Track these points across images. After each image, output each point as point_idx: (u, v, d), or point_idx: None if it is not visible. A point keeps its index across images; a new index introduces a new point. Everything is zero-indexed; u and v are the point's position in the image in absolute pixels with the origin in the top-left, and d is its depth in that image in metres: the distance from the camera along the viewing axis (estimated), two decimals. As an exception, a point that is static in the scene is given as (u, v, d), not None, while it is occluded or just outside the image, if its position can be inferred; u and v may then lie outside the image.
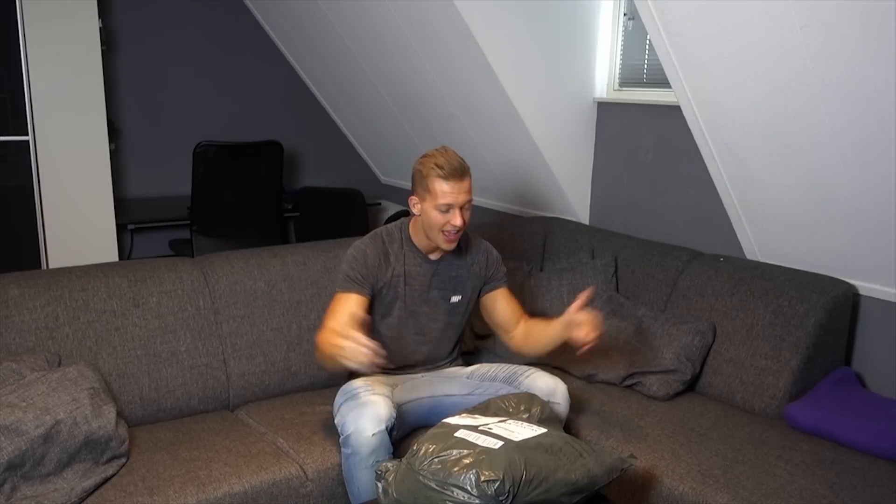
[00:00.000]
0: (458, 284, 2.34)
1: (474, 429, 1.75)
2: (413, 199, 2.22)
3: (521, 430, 1.77)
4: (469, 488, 1.57)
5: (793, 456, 2.09)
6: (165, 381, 2.34)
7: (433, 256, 2.30)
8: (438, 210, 2.14)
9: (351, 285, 2.20)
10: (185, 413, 2.38)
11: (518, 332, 2.37)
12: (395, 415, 2.03)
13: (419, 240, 2.28)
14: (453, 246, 2.22)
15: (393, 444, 2.04)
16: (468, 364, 2.47)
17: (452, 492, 1.59)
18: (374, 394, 2.08)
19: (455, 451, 1.65)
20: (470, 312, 2.42)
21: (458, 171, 2.13)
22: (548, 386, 2.19)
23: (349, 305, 2.16)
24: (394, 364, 2.25)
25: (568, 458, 1.70)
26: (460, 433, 1.72)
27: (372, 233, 2.32)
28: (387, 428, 1.99)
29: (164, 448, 2.12)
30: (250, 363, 2.47)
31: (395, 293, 2.27)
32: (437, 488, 1.61)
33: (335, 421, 2.09)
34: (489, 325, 2.47)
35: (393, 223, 2.34)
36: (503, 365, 2.34)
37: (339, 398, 2.14)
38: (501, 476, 1.57)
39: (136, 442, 2.14)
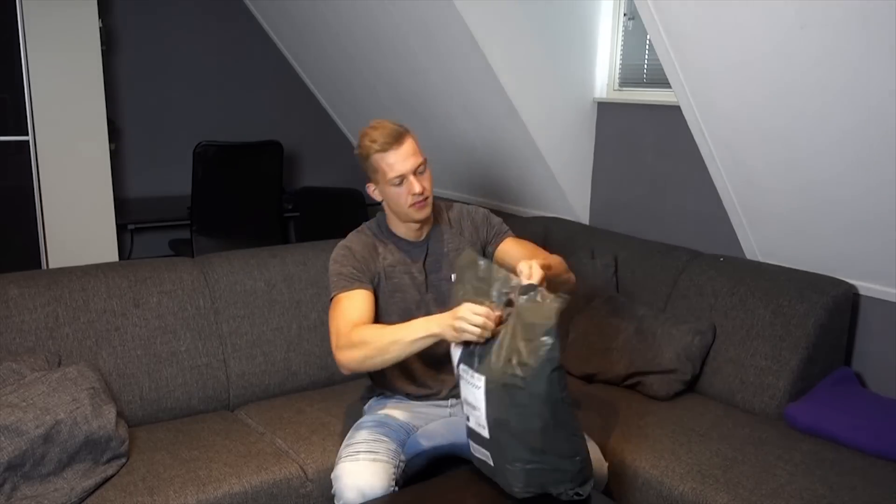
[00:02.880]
0: (455, 259, 2.08)
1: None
2: (370, 187, 2.06)
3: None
4: None
5: (793, 456, 2.09)
6: (165, 381, 2.34)
7: (419, 239, 2.11)
8: (393, 185, 1.97)
9: (349, 282, 1.98)
10: (185, 413, 2.38)
11: None
12: (393, 483, 1.87)
13: (398, 228, 2.10)
14: (427, 212, 2.03)
15: (409, 478, 1.94)
16: None
17: None
18: (375, 459, 1.88)
19: None
20: None
21: (394, 137, 1.94)
22: None
23: (359, 302, 1.95)
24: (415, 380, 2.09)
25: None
26: None
27: (352, 232, 2.14)
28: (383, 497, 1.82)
29: (164, 448, 2.12)
30: (250, 363, 2.47)
31: (394, 285, 2.06)
32: None
33: (332, 474, 1.92)
34: None
35: (371, 219, 2.17)
36: None
37: (343, 448, 1.97)
38: None
39: (136, 442, 2.13)
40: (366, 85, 4.16)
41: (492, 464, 1.77)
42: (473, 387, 1.73)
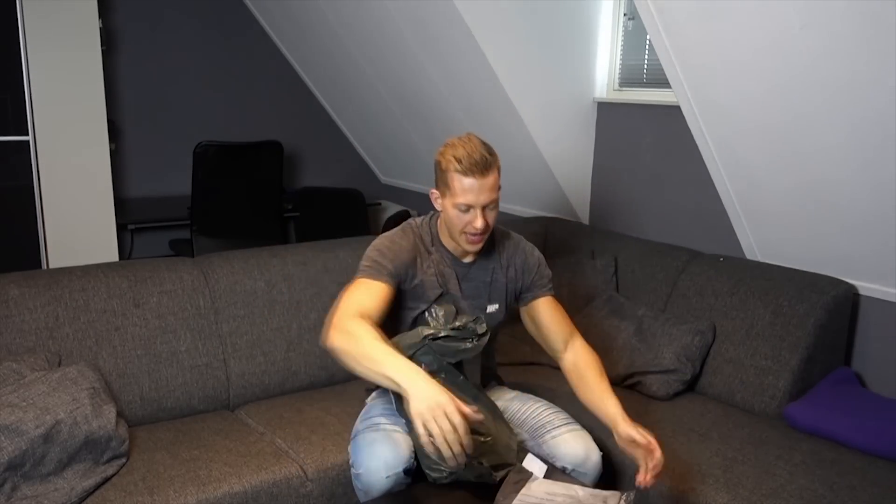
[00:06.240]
0: (495, 291, 2.05)
1: None
2: (434, 193, 1.97)
3: None
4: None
5: (793, 456, 2.09)
6: (165, 381, 2.34)
7: (465, 260, 2.03)
8: (458, 209, 1.88)
9: (378, 273, 1.88)
10: (185, 413, 2.38)
11: (569, 361, 2.04)
12: (413, 457, 1.81)
13: (447, 241, 2.01)
14: (478, 247, 1.96)
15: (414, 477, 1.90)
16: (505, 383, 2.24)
17: None
18: (395, 431, 1.86)
19: None
20: (504, 321, 2.13)
21: (480, 166, 1.84)
22: (577, 455, 1.92)
23: (376, 295, 1.86)
24: None
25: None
26: None
27: (401, 226, 2.04)
28: (404, 470, 1.78)
29: (164, 448, 2.12)
30: (250, 363, 2.47)
31: (435, 298, 1.97)
32: None
33: (349, 448, 1.90)
34: (535, 339, 2.14)
35: (420, 218, 2.07)
36: (538, 406, 2.08)
37: (359, 423, 1.95)
38: None
39: (136, 442, 2.13)
40: (366, 85, 4.17)
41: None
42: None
